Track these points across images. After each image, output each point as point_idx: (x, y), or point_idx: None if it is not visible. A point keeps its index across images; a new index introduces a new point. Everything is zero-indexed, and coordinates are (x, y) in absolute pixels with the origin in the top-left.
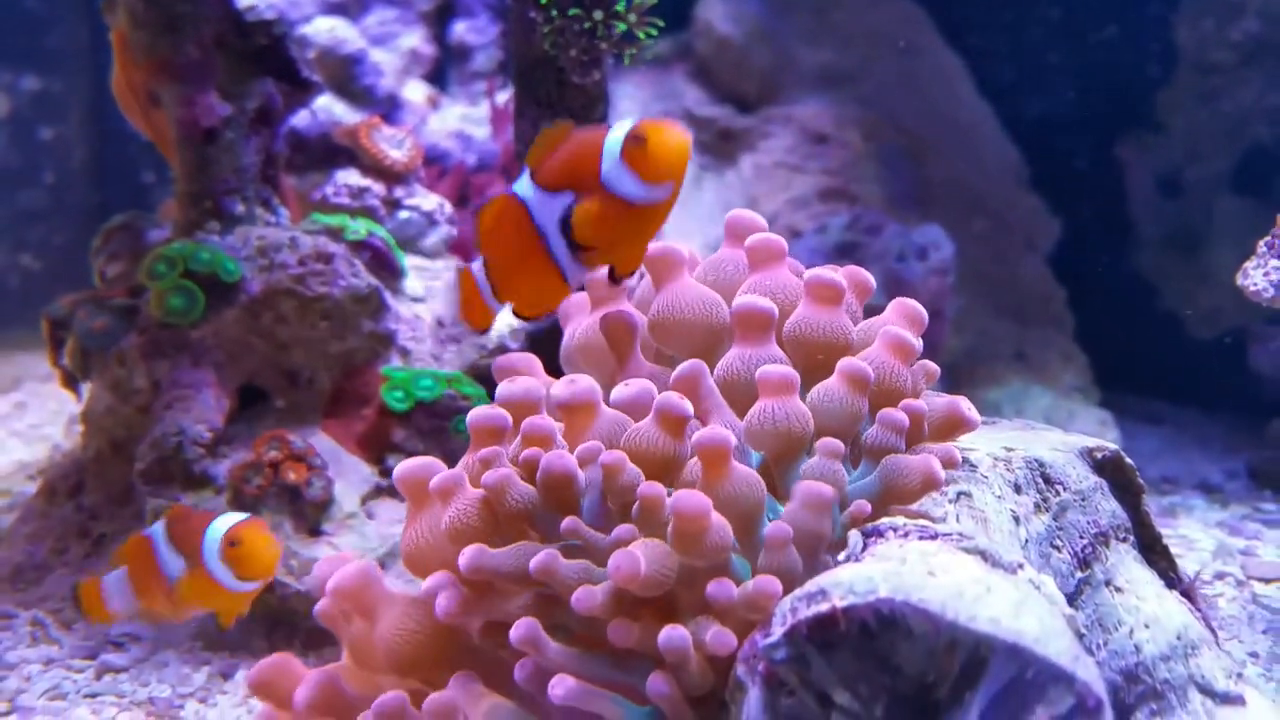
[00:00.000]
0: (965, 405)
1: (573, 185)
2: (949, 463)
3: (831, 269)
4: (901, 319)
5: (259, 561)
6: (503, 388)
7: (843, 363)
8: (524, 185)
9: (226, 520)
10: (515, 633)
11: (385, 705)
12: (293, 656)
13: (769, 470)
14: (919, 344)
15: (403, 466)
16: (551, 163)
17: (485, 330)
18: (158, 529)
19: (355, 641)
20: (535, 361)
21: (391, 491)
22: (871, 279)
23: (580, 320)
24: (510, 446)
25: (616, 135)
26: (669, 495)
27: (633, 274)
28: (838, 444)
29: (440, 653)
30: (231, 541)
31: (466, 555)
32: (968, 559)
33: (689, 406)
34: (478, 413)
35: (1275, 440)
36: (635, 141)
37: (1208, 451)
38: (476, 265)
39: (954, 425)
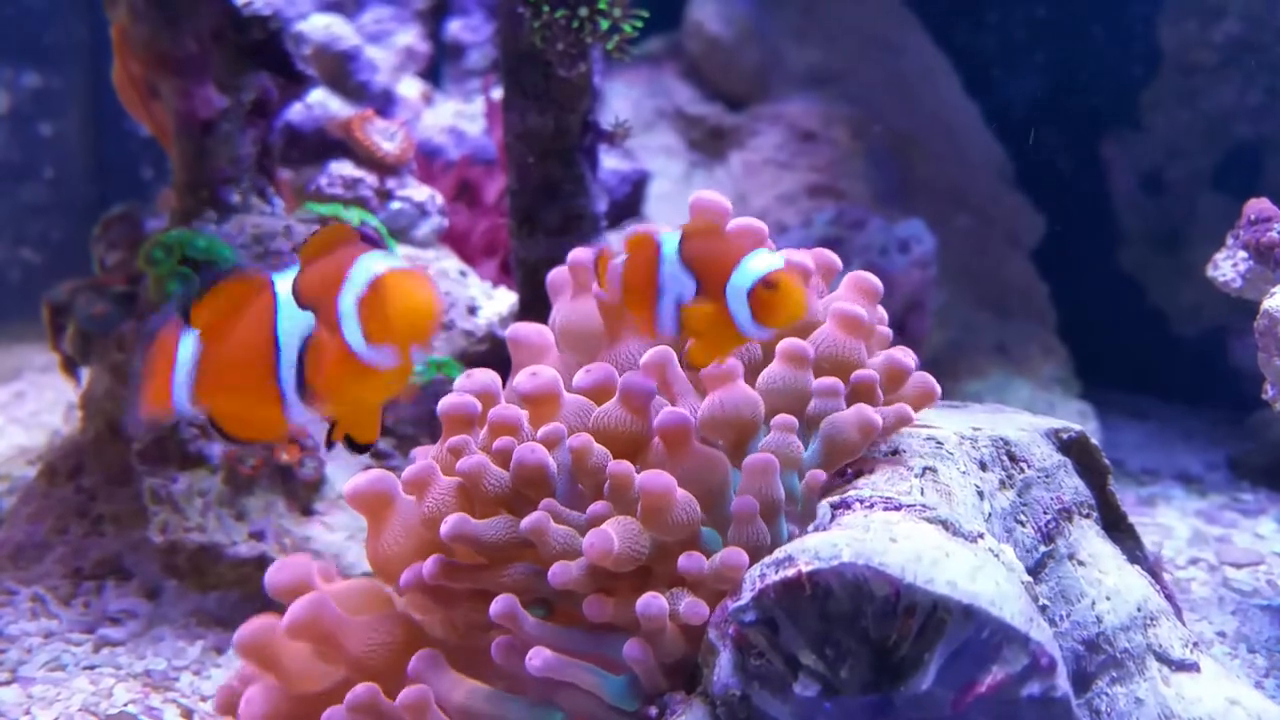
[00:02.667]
0: (930, 380)
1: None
2: (902, 419)
3: (798, 251)
4: (854, 292)
5: (788, 310)
6: (459, 383)
7: (781, 345)
8: (285, 280)
9: (761, 259)
10: (494, 608)
11: (357, 698)
12: (277, 620)
13: (731, 455)
14: (871, 314)
15: (355, 484)
16: (316, 268)
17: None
18: (673, 243)
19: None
20: (548, 334)
21: None
22: (838, 260)
23: (563, 302)
24: (479, 435)
25: None
26: (637, 473)
27: (365, 445)
28: (791, 419)
29: (406, 660)
30: (767, 284)
31: (449, 522)
32: (929, 528)
33: (652, 384)
34: (448, 401)
35: (1254, 432)
36: None
37: (1190, 444)
38: (185, 351)
39: (923, 396)
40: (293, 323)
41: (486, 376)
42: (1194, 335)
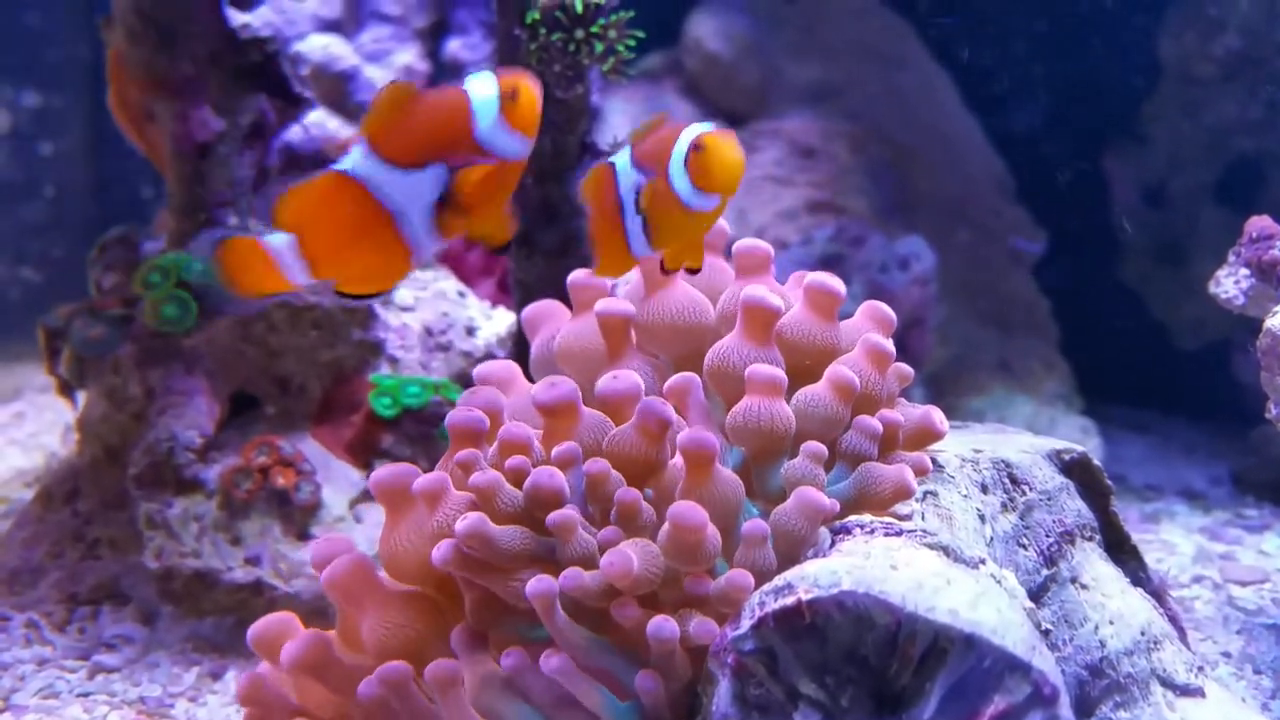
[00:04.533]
0: (937, 417)
1: (441, 151)
2: (920, 470)
3: (828, 276)
4: (872, 322)
5: (722, 169)
6: (465, 397)
7: (832, 370)
8: (363, 162)
9: (694, 130)
10: (532, 587)
11: (389, 673)
12: (294, 617)
13: (746, 468)
14: (893, 352)
15: (379, 474)
16: (406, 131)
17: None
18: (625, 154)
19: (344, 629)
20: (516, 369)
21: None
22: (843, 287)
23: (554, 327)
24: (488, 450)
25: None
26: (646, 497)
27: (505, 245)
28: (821, 448)
29: (426, 646)
30: (696, 147)
31: (468, 519)
32: (930, 554)
33: (671, 412)
34: (456, 415)
35: (1258, 447)
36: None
37: (1192, 459)
38: (280, 243)
39: (925, 435)
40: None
41: (490, 394)
42: (1196, 349)
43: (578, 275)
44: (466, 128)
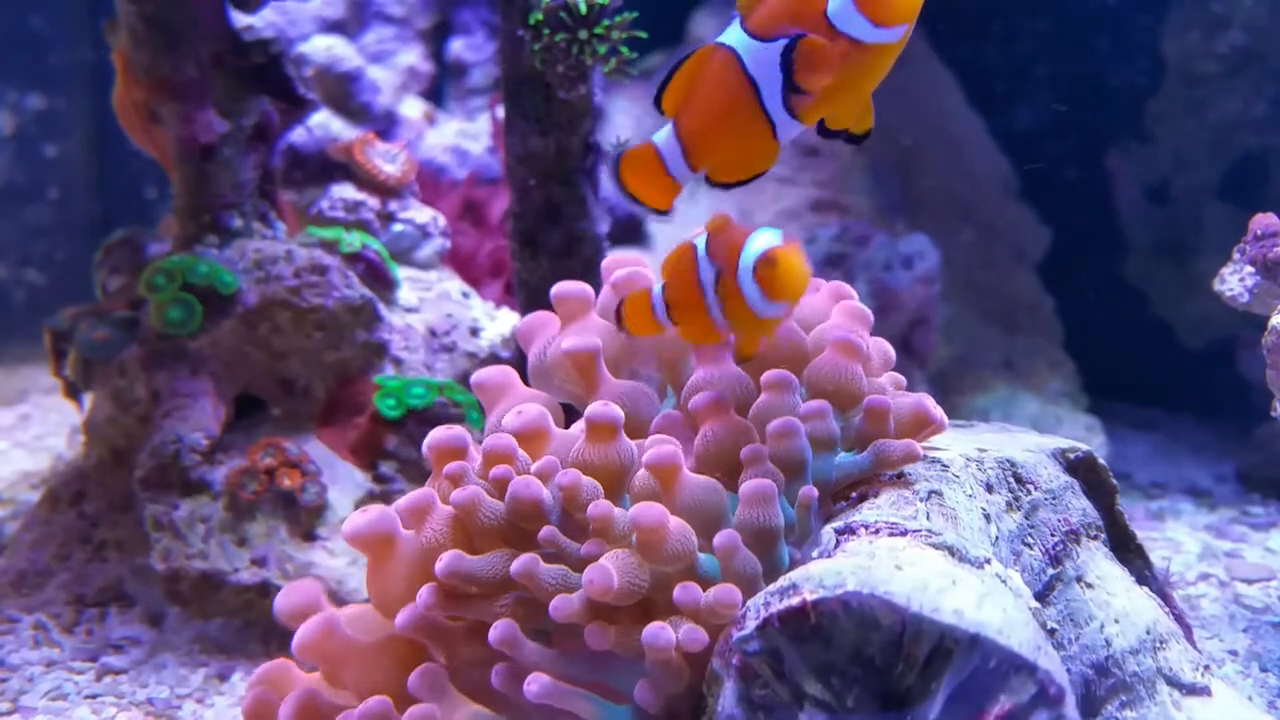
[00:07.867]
0: (930, 402)
1: (794, 26)
2: (909, 456)
3: (821, 282)
4: (847, 319)
5: (791, 282)
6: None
7: (765, 375)
8: (733, 34)
9: (761, 238)
10: (494, 634)
11: (369, 710)
12: (291, 664)
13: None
14: (865, 342)
15: (355, 524)
16: (768, 6)
17: (666, 211)
18: (702, 242)
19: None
20: (513, 375)
21: (384, 498)
22: (852, 291)
23: (547, 338)
24: (475, 464)
25: None
26: (626, 503)
27: (864, 135)
28: (760, 449)
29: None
30: (766, 260)
31: (444, 560)
32: (935, 554)
33: (616, 412)
34: (435, 436)
35: (1263, 444)
36: None
37: (1198, 457)
38: (662, 138)
39: (920, 422)
40: (761, 56)
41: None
42: (1201, 347)
43: (561, 287)
44: (820, 4)
